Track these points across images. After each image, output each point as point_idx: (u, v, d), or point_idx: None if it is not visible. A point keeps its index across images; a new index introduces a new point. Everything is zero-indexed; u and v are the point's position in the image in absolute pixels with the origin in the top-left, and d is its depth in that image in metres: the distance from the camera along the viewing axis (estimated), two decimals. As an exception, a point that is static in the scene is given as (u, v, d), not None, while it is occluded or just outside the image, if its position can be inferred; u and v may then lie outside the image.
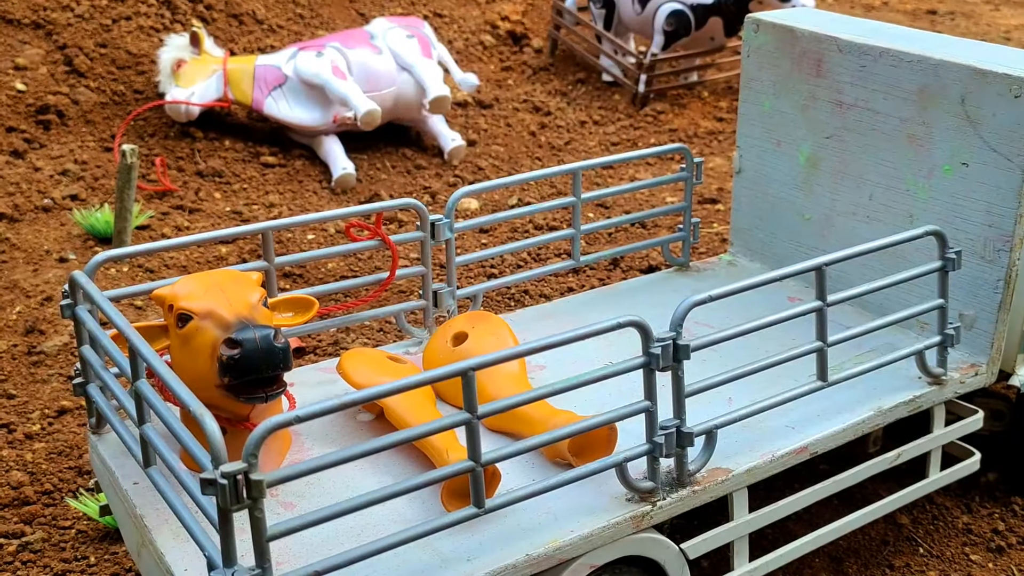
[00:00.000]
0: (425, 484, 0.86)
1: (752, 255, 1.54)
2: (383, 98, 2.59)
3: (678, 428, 0.97)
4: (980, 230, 1.23)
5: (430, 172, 2.58)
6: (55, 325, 1.80)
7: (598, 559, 0.97)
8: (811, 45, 1.37)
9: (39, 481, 1.42)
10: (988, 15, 4.27)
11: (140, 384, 0.91)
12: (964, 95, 1.22)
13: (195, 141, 2.61)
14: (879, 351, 1.23)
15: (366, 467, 1.05)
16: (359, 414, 1.16)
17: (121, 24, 2.88)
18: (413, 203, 1.26)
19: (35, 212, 2.25)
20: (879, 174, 1.33)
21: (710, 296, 0.99)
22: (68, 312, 1.05)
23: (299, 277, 2.01)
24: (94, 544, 1.31)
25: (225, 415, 0.98)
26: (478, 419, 0.86)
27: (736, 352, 1.14)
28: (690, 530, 1.08)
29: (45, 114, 2.61)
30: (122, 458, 1.06)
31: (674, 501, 1.00)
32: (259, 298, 1.00)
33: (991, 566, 1.30)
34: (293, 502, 1.01)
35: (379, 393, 0.83)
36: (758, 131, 1.48)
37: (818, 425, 1.12)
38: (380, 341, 1.77)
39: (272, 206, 2.35)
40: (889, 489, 1.30)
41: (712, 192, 2.46)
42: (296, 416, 0.78)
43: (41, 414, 1.56)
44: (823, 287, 1.06)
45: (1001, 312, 1.23)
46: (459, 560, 0.92)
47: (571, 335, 0.92)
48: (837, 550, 1.32)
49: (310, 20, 3.21)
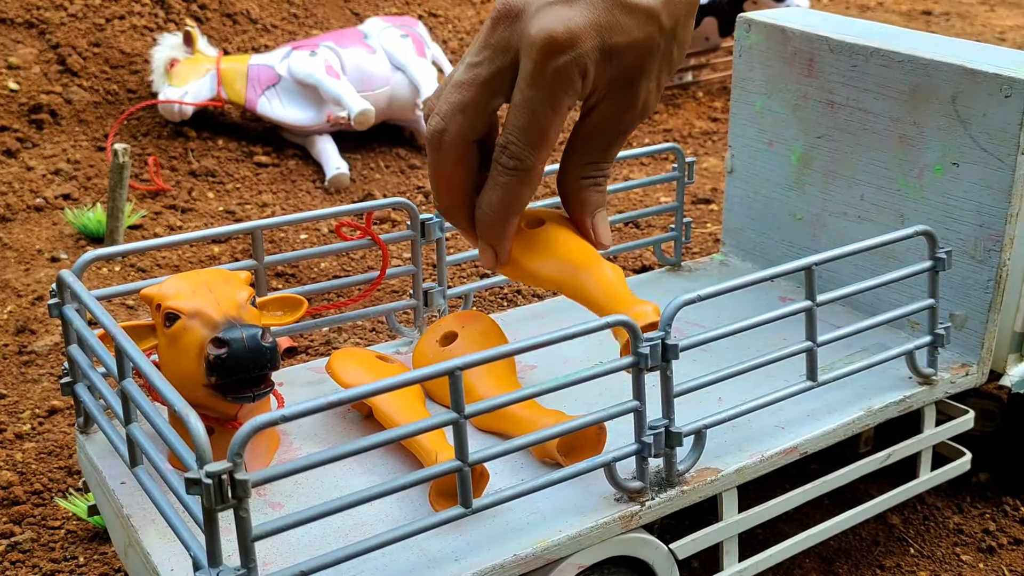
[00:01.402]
0: (413, 484, 0.86)
1: (744, 255, 1.54)
2: (377, 98, 2.59)
3: (667, 428, 0.97)
4: (971, 230, 1.23)
5: (424, 172, 2.57)
6: (46, 325, 1.79)
7: (586, 559, 0.97)
8: (802, 45, 1.37)
9: (29, 481, 1.41)
10: (983, 16, 4.27)
11: (127, 384, 0.90)
12: (955, 95, 1.22)
13: (188, 140, 2.61)
14: (870, 351, 1.23)
15: (354, 467, 1.05)
16: (348, 414, 1.15)
17: (114, 23, 2.88)
18: (404, 202, 1.25)
19: (27, 211, 2.25)
20: (870, 174, 1.33)
21: (699, 296, 0.98)
22: (56, 311, 1.05)
23: (291, 277, 2.01)
24: (83, 544, 1.31)
25: (213, 415, 0.98)
26: (465, 419, 0.86)
27: (726, 352, 1.14)
28: (680, 530, 1.08)
29: (38, 113, 2.60)
30: (109, 458, 1.06)
31: (663, 501, 1.00)
32: (247, 297, 0.99)
33: (982, 566, 1.30)
34: (281, 502, 1.00)
35: (366, 392, 0.83)
36: (750, 131, 1.48)
37: (808, 425, 1.12)
38: (372, 341, 1.77)
39: (265, 206, 2.34)
40: (880, 489, 1.30)
41: (706, 192, 2.46)
42: (282, 415, 0.78)
43: (31, 414, 1.56)
44: (813, 287, 1.06)
45: (992, 312, 1.23)
46: (447, 560, 0.91)
47: (560, 335, 0.92)
48: (828, 550, 1.32)
49: (304, 20, 3.21)
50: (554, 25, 0.98)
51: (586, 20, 0.99)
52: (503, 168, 1.03)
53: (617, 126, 1.07)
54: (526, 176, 1.03)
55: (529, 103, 1.00)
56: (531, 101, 1.00)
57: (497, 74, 1.02)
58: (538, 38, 0.98)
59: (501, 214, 1.05)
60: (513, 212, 1.06)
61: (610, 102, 1.05)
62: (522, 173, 1.02)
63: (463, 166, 1.05)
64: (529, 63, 0.99)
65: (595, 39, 0.99)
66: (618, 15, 1.00)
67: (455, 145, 1.03)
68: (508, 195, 1.04)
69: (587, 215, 1.11)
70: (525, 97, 1.00)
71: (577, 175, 1.10)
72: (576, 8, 0.99)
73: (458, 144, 1.04)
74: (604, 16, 1.00)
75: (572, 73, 0.99)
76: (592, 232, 1.11)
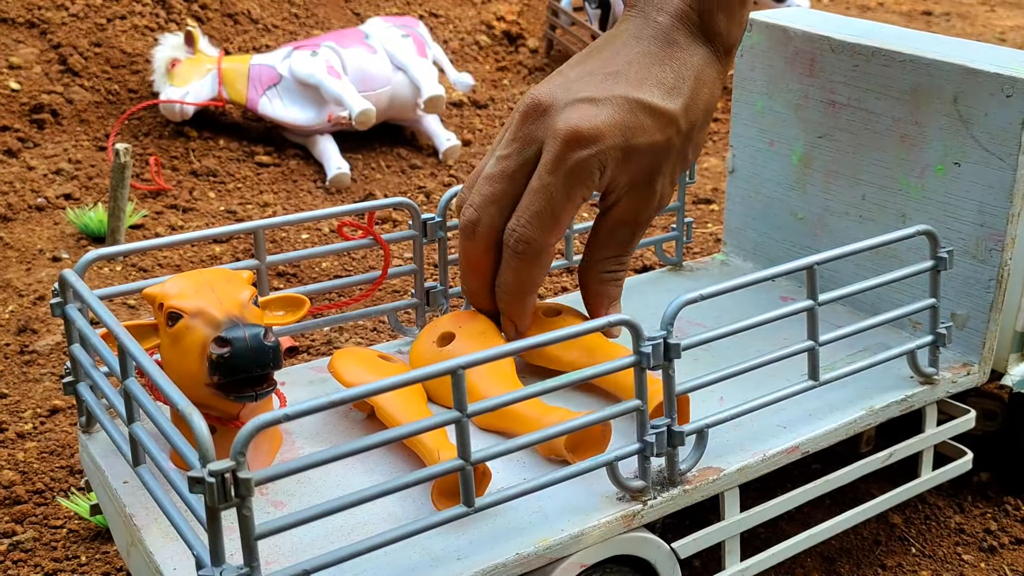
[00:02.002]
0: (415, 483, 0.86)
1: (745, 255, 1.54)
2: (378, 98, 2.59)
3: (669, 427, 0.97)
4: (972, 229, 1.23)
5: (425, 172, 2.57)
6: (48, 324, 1.80)
7: (588, 558, 0.97)
8: (804, 45, 1.37)
9: (30, 480, 1.41)
10: (983, 16, 4.27)
11: (129, 383, 0.91)
12: (956, 95, 1.22)
13: (189, 140, 2.61)
14: (871, 350, 1.23)
15: (356, 466, 1.05)
16: (350, 413, 1.15)
17: (116, 23, 2.88)
18: (406, 202, 1.25)
19: (29, 211, 2.25)
20: (872, 174, 1.33)
21: (700, 295, 0.98)
22: (58, 311, 1.05)
23: (293, 276, 2.01)
24: (85, 543, 1.31)
25: (215, 414, 0.98)
26: (468, 417, 0.86)
27: (728, 351, 1.14)
28: (681, 529, 1.08)
29: (39, 113, 2.61)
30: (112, 457, 1.06)
31: (665, 500, 1.00)
32: (249, 297, 0.99)
33: (983, 566, 1.30)
34: (283, 501, 1.00)
35: (368, 391, 0.83)
36: (751, 131, 1.48)
37: (810, 424, 1.12)
38: (374, 340, 1.77)
39: (266, 205, 2.34)
40: (881, 489, 1.30)
41: (707, 192, 2.46)
42: (285, 414, 0.78)
43: (33, 413, 1.56)
44: (814, 286, 1.06)
45: (993, 312, 1.23)
46: (449, 559, 0.91)
47: (561, 334, 0.92)
48: (829, 550, 1.32)
49: (305, 20, 3.21)
50: (580, 121, 1.04)
51: (611, 119, 1.05)
52: (512, 252, 1.08)
53: (636, 220, 1.13)
54: (536, 258, 1.08)
55: (546, 189, 1.05)
56: (548, 187, 1.05)
57: (524, 165, 1.07)
58: (563, 130, 1.04)
59: (517, 293, 1.11)
60: (527, 291, 1.12)
61: (629, 198, 1.11)
62: (531, 255, 1.08)
63: (491, 253, 1.11)
64: (551, 152, 1.05)
65: (618, 138, 1.05)
66: (641, 117, 1.06)
67: (486, 235, 1.10)
68: (520, 276, 1.10)
69: (603, 308, 1.18)
70: (544, 183, 1.05)
71: (598, 270, 1.16)
72: (602, 107, 1.05)
73: (489, 234, 1.10)
74: (628, 117, 1.05)
75: (592, 167, 1.05)
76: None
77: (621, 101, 1.06)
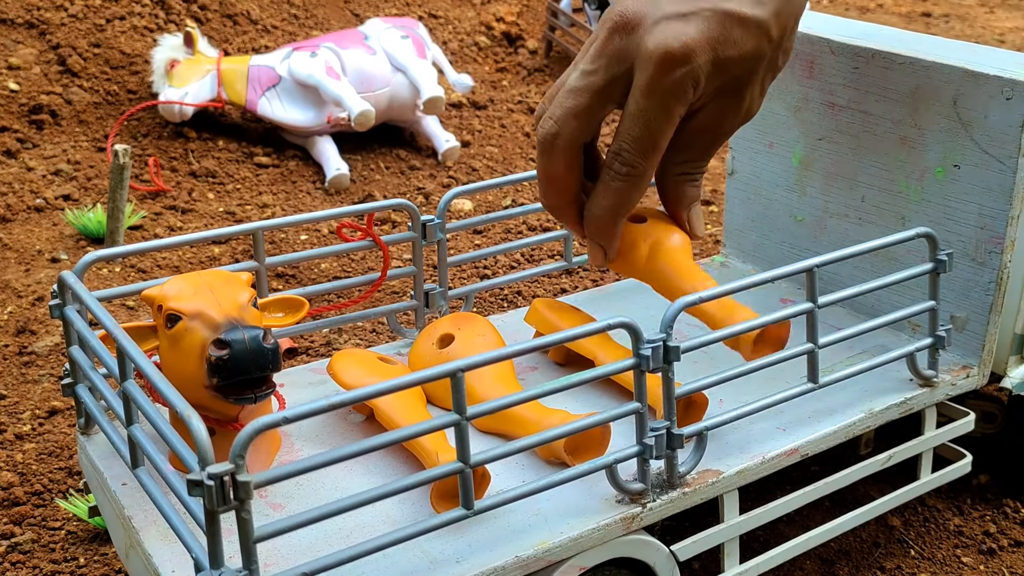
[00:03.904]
0: (414, 485, 0.86)
1: (745, 257, 1.54)
2: (377, 99, 2.59)
3: (668, 430, 0.97)
4: (972, 232, 1.23)
5: (424, 173, 2.57)
6: (46, 325, 1.79)
7: (588, 561, 0.97)
8: (803, 47, 1.37)
9: (29, 482, 1.41)
10: (983, 18, 4.28)
11: (128, 385, 0.90)
12: (956, 97, 1.22)
13: (188, 141, 2.61)
14: (870, 353, 1.23)
15: (356, 468, 1.05)
16: (350, 415, 1.15)
17: (115, 24, 2.88)
18: (405, 203, 1.25)
19: (27, 212, 2.25)
20: (871, 176, 1.33)
21: (700, 298, 0.98)
22: (57, 312, 1.05)
23: (292, 278, 2.01)
24: (83, 545, 1.31)
25: (214, 416, 0.98)
26: (467, 420, 0.86)
27: (727, 354, 1.14)
28: (681, 532, 1.08)
29: (38, 114, 2.61)
30: (111, 459, 1.06)
31: (664, 503, 1.00)
32: (248, 298, 0.99)
33: (982, 568, 1.30)
34: (282, 503, 1.00)
35: (367, 394, 0.83)
36: (751, 133, 1.48)
37: (809, 427, 1.12)
38: (373, 342, 1.77)
39: (265, 207, 2.34)
40: (880, 491, 1.30)
41: (706, 194, 2.46)
42: (284, 417, 0.77)
43: (32, 414, 1.56)
44: (814, 289, 1.06)
45: (992, 314, 1.23)
46: (448, 562, 0.91)
47: (560, 336, 0.92)
48: (828, 552, 1.32)
49: (304, 21, 3.21)
50: (670, 40, 1.02)
51: (701, 35, 1.02)
52: (616, 174, 1.07)
53: (720, 128, 1.11)
54: (637, 181, 1.07)
55: (644, 113, 1.04)
56: (646, 111, 1.03)
57: (612, 82, 1.05)
58: (656, 52, 1.02)
59: (612, 216, 1.10)
60: (623, 214, 1.10)
61: (716, 106, 1.09)
62: (634, 179, 1.07)
63: (574, 169, 1.09)
64: (645, 76, 1.03)
65: (709, 53, 1.03)
66: (731, 29, 1.04)
67: (567, 148, 1.07)
68: (620, 199, 1.08)
69: (683, 208, 1.16)
70: (640, 107, 1.04)
71: (676, 171, 1.14)
72: (692, 23, 1.03)
73: (569, 148, 1.07)
74: (718, 30, 1.03)
75: (686, 85, 1.03)
76: (688, 224, 1.17)
77: (709, 14, 1.03)
